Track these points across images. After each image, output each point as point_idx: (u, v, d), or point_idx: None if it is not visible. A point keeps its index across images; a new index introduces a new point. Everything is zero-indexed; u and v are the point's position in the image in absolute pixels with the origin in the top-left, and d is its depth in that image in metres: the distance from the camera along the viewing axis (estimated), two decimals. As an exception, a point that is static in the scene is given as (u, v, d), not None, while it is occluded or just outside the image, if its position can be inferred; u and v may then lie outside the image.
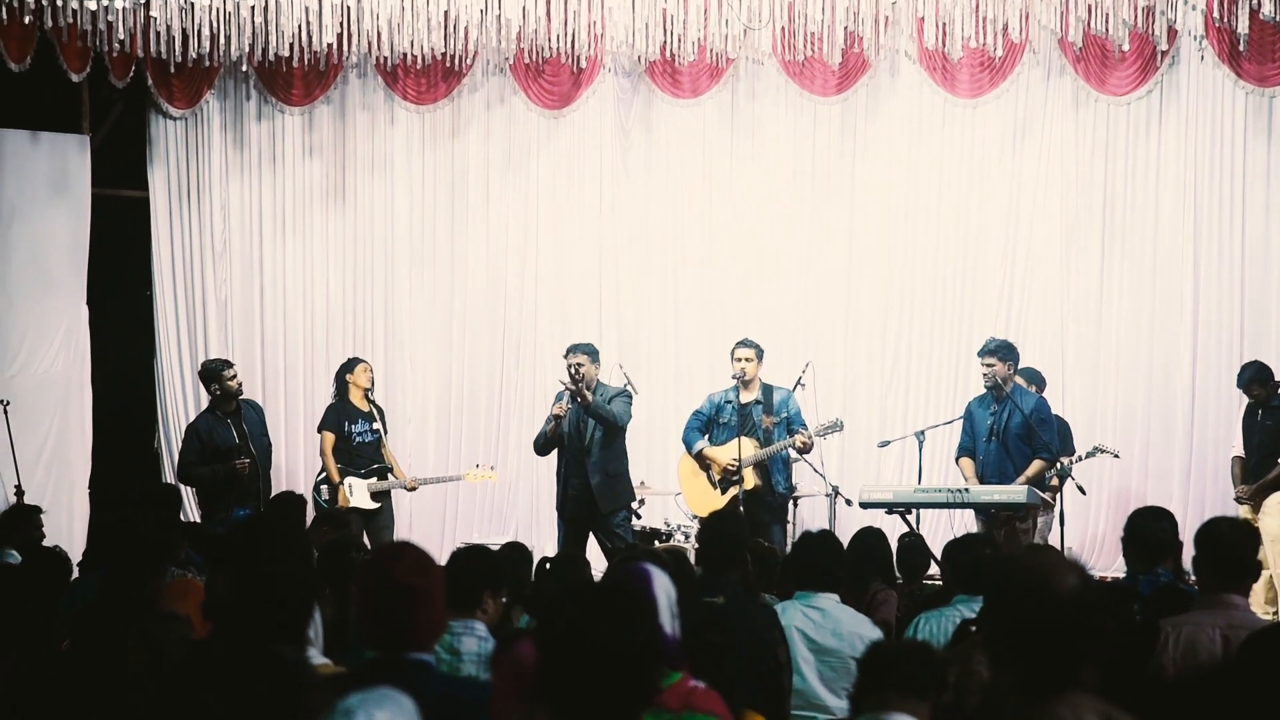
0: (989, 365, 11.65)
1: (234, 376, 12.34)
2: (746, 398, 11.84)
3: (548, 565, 7.30)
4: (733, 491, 11.61)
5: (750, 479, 11.59)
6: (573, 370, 11.63)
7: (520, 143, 14.69)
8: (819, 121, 14.17)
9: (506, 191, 14.73)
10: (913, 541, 9.92)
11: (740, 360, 11.80)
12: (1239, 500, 11.84)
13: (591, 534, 11.71)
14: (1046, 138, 13.73)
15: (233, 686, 2.87)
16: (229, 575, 3.75)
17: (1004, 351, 11.71)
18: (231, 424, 12.21)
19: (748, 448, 11.57)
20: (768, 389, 11.88)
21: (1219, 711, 3.76)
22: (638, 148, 14.56)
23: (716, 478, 11.77)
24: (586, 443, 11.62)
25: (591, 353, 11.81)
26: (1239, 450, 12.14)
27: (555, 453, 11.89)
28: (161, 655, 4.29)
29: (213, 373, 12.34)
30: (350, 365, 12.92)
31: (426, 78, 14.64)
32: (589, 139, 14.59)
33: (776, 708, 5.98)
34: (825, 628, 6.59)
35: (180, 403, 14.80)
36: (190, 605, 5.98)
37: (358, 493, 12.49)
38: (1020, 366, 12.14)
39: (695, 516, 12.00)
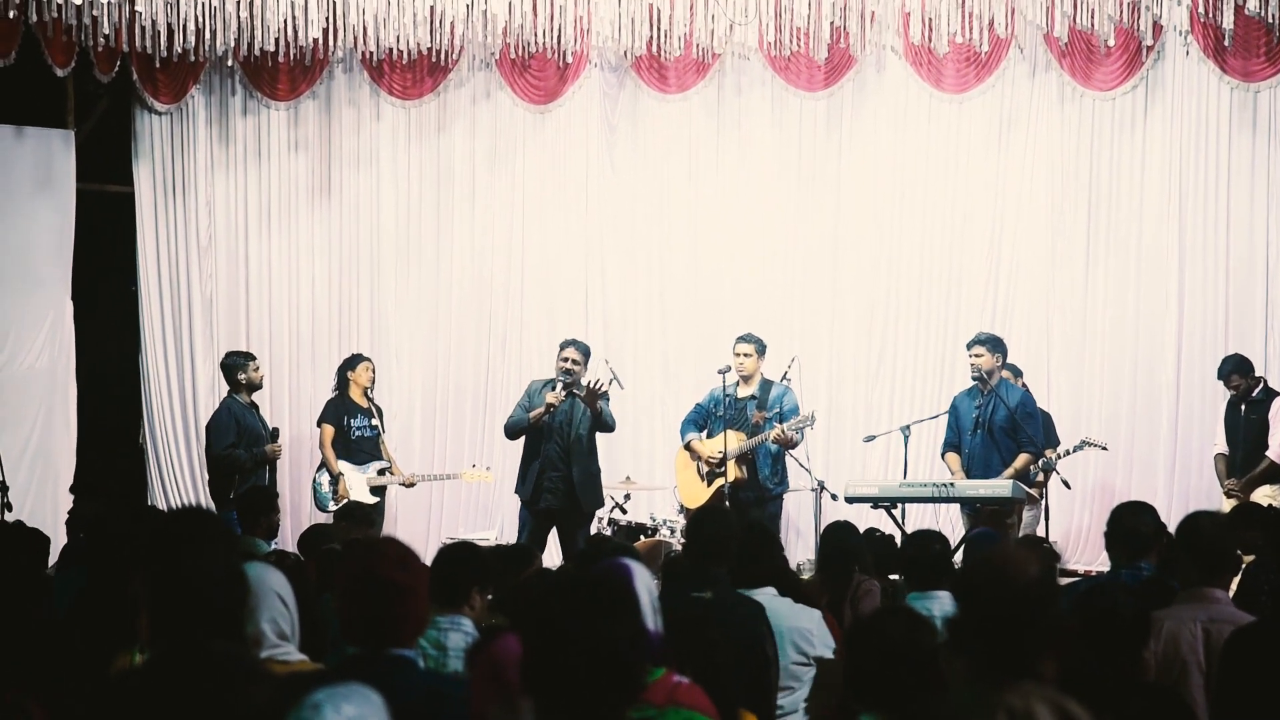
0: (977, 356, 11.71)
1: (258, 369, 12.67)
2: (744, 392, 11.89)
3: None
4: (717, 483, 11.64)
5: (733, 471, 11.61)
6: (567, 365, 11.66)
7: (506, 138, 14.69)
8: (805, 117, 14.19)
9: (492, 187, 14.72)
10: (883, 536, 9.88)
11: (738, 355, 11.86)
12: (1229, 494, 11.83)
13: (558, 532, 11.71)
14: (1032, 133, 13.75)
15: (168, 685, 2.87)
16: (149, 573, 3.73)
17: (993, 344, 11.76)
18: (254, 413, 12.52)
19: (733, 440, 11.61)
20: (766, 384, 11.92)
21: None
22: (624, 143, 14.56)
23: (704, 470, 11.81)
24: (574, 436, 11.63)
25: (587, 353, 11.89)
26: (1221, 447, 12.17)
27: (523, 440, 11.88)
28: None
29: (239, 364, 12.58)
30: (353, 362, 13.04)
31: (412, 73, 14.62)
32: (575, 134, 14.59)
33: (764, 703, 5.98)
34: None
35: (165, 398, 14.80)
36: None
37: (356, 487, 12.57)
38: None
39: (682, 509, 12.03)
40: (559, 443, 11.65)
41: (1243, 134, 13.21)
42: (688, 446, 11.95)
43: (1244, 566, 7.07)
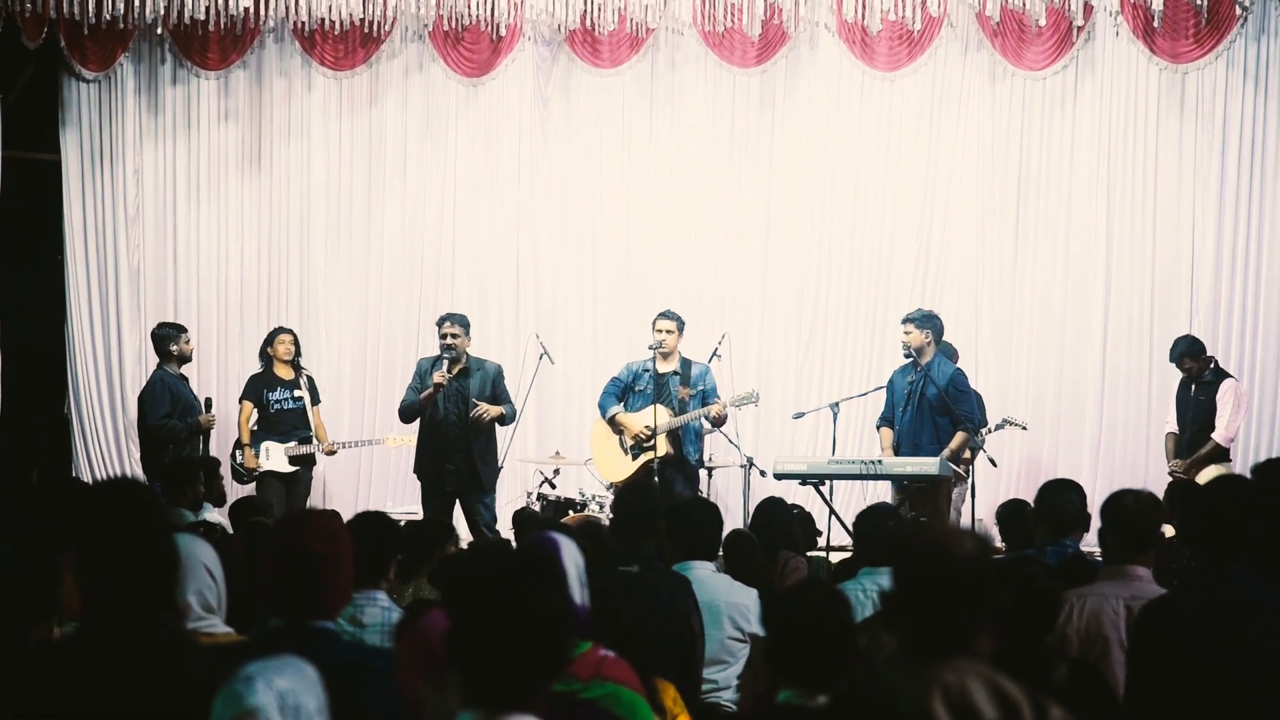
0: (906, 333, 11.81)
1: (189, 341, 12.78)
2: (665, 368, 11.92)
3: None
4: (644, 458, 11.68)
5: (662, 447, 11.65)
6: (447, 340, 11.74)
7: (439, 110, 14.62)
8: (738, 93, 14.19)
9: (424, 159, 14.66)
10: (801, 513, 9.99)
11: (660, 331, 11.88)
12: (1173, 475, 11.89)
13: (461, 507, 11.81)
14: (963, 111, 13.81)
15: (105, 654, 2.86)
16: (84, 544, 3.71)
17: (922, 320, 11.83)
18: (186, 384, 12.58)
19: (662, 415, 11.64)
20: (686, 362, 11.97)
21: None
22: (557, 117, 14.52)
23: (629, 444, 11.84)
24: (472, 415, 11.70)
25: (465, 324, 12.01)
26: (1173, 426, 12.25)
27: (420, 423, 12.03)
28: None
29: (170, 336, 12.59)
30: (270, 337, 13.09)
31: (344, 43, 14.53)
32: (508, 108, 14.53)
33: (689, 676, 6.01)
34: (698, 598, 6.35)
35: (91, 368, 14.67)
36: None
37: (274, 457, 12.63)
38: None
39: (610, 485, 12.04)
40: (456, 424, 11.74)
41: (1170, 115, 13.33)
42: (612, 420, 11.97)
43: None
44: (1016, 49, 13.56)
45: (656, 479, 11.38)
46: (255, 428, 12.75)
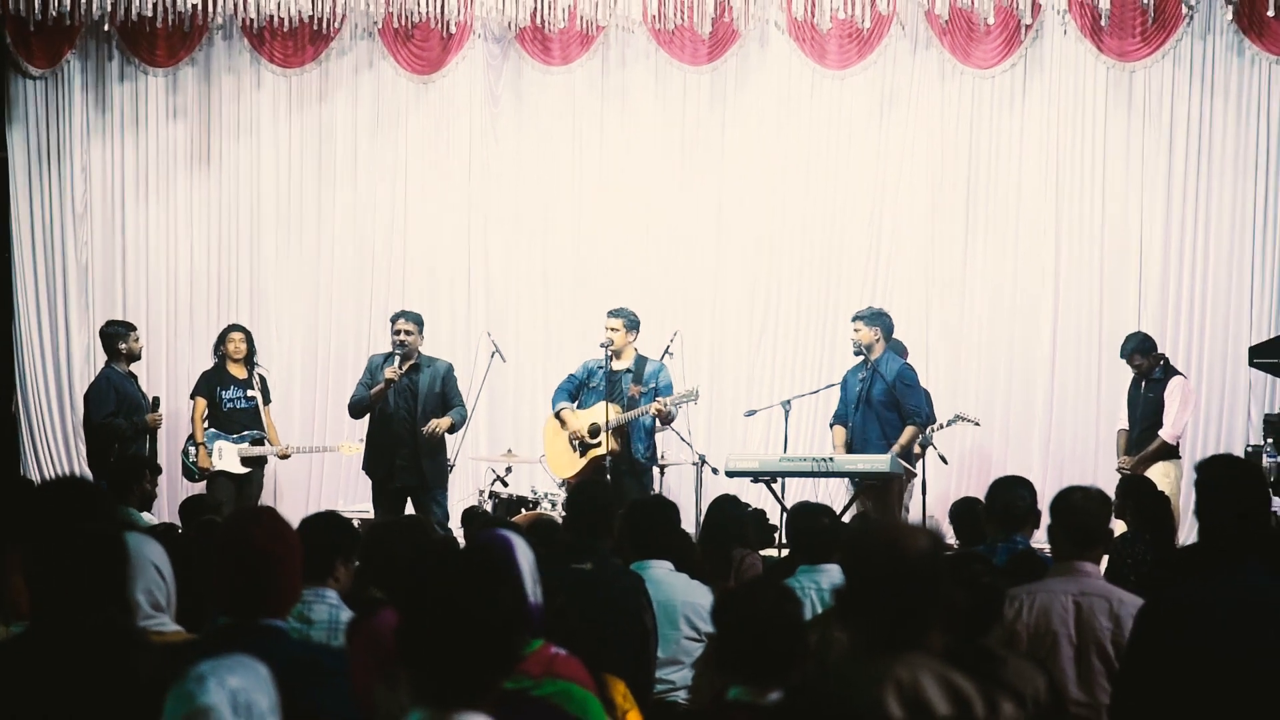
0: (855, 330, 11.85)
1: (138, 339, 12.61)
2: (619, 366, 11.97)
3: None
4: (592, 454, 11.71)
5: (609, 444, 11.68)
6: (400, 337, 11.78)
7: (389, 108, 14.58)
8: (689, 90, 14.20)
9: (375, 157, 14.62)
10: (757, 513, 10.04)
11: (607, 330, 11.92)
12: (1120, 471, 11.95)
13: (413, 504, 11.88)
14: (912, 110, 13.85)
15: (55, 654, 2.85)
16: (35, 542, 3.69)
17: (871, 318, 11.87)
18: (134, 382, 12.45)
19: (610, 413, 11.67)
20: (641, 360, 12.00)
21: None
22: (507, 115, 14.50)
23: (576, 440, 11.88)
24: (420, 412, 11.80)
25: (419, 322, 12.11)
26: (1124, 423, 12.33)
27: (369, 419, 12.12)
28: None
29: (119, 334, 12.45)
30: (222, 335, 13.03)
31: (293, 41, 14.47)
32: (458, 105, 14.51)
33: (641, 673, 6.01)
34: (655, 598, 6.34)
35: (39, 366, 14.59)
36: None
37: (227, 456, 12.60)
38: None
39: (562, 482, 12.05)
40: (405, 420, 11.79)
41: (1118, 113, 13.41)
42: (558, 415, 12.00)
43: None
44: (965, 47, 13.62)
45: (608, 476, 11.41)
46: (206, 425, 12.70)
